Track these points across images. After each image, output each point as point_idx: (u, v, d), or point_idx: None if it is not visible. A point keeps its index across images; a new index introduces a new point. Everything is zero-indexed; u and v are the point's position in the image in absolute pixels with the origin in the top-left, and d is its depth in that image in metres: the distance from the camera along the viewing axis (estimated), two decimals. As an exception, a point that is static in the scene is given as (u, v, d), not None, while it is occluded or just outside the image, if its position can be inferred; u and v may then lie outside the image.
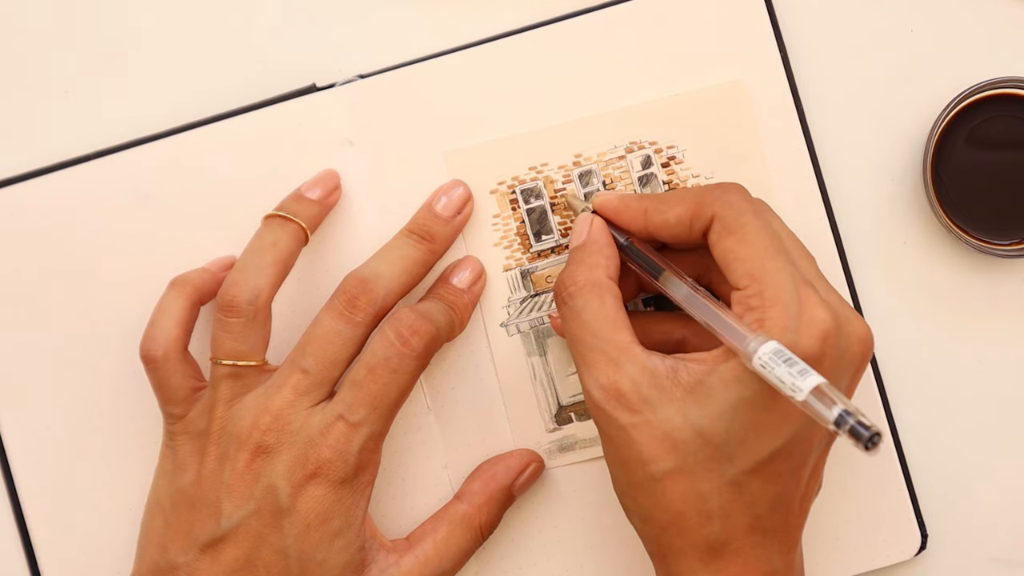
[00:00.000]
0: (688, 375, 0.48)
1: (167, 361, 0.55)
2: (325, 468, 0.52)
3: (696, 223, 0.51)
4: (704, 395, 0.48)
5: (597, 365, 0.50)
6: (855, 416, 0.43)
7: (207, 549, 0.52)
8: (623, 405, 0.49)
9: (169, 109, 0.60)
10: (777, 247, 0.49)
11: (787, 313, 0.47)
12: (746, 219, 0.50)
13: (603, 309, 0.51)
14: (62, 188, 0.59)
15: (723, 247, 0.50)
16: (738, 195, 0.51)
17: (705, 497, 0.48)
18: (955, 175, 0.59)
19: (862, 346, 0.49)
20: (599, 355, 0.50)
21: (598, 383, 0.49)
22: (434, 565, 0.55)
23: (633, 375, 0.49)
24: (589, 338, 0.50)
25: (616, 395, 0.49)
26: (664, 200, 0.53)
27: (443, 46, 0.60)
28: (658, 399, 0.48)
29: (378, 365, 0.53)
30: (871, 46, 0.60)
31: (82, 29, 0.61)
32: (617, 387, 0.49)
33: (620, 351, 0.49)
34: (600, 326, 0.50)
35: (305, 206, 0.57)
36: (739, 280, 0.49)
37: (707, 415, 0.47)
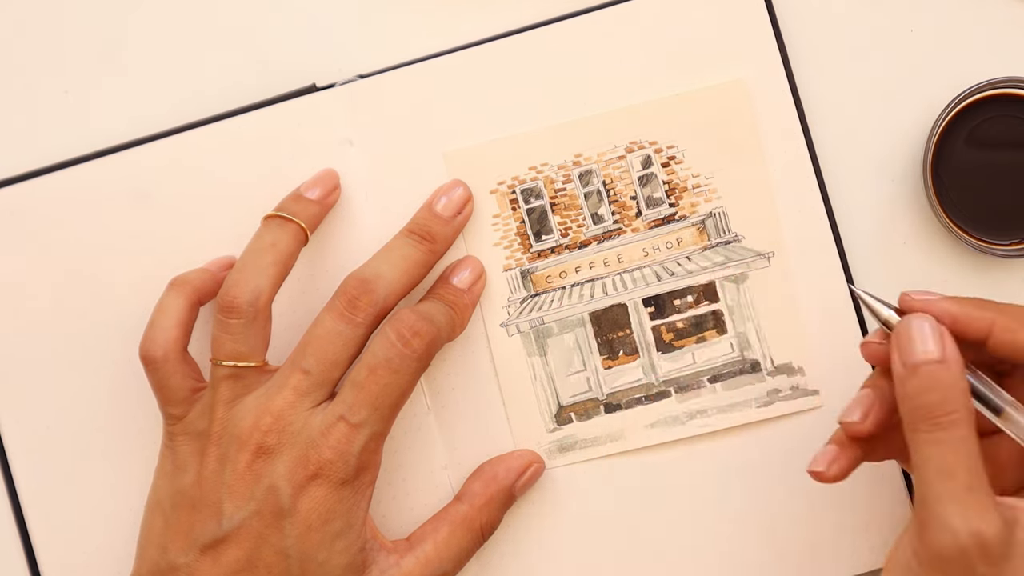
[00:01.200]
0: None
1: (167, 362, 0.55)
2: (326, 469, 0.52)
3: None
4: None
5: (972, 508, 0.44)
6: None
7: (208, 550, 0.52)
8: (986, 557, 0.44)
9: (169, 109, 0.60)
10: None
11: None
12: None
13: (977, 446, 0.45)
14: (62, 188, 0.59)
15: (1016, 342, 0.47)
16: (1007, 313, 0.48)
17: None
18: (955, 175, 0.59)
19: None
20: (977, 498, 0.44)
21: (970, 527, 0.43)
22: (435, 566, 0.55)
23: (998, 526, 0.44)
24: (966, 477, 0.44)
25: (983, 546, 0.44)
26: (1016, 317, 0.48)
27: (443, 46, 0.60)
28: (1012, 554, 0.44)
29: (379, 366, 0.53)
30: (871, 46, 0.60)
31: (82, 29, 0.61)
32: (985, 538, 0.43)
33: (991, 498, 0.44)
34: (978, 463, 0.45)
35: (304, 206, 0.57)
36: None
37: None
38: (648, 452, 0.59)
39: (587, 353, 0.59)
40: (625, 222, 0.60)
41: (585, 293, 0.60)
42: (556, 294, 0.60)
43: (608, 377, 0.59)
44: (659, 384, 0.59)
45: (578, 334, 0.60)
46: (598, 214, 0.60)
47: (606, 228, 0.60)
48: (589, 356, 0.59)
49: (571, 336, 0.60)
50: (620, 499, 0.59)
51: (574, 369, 0.59)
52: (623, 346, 0.59)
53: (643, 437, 0.59)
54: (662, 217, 0.60)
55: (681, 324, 0.60)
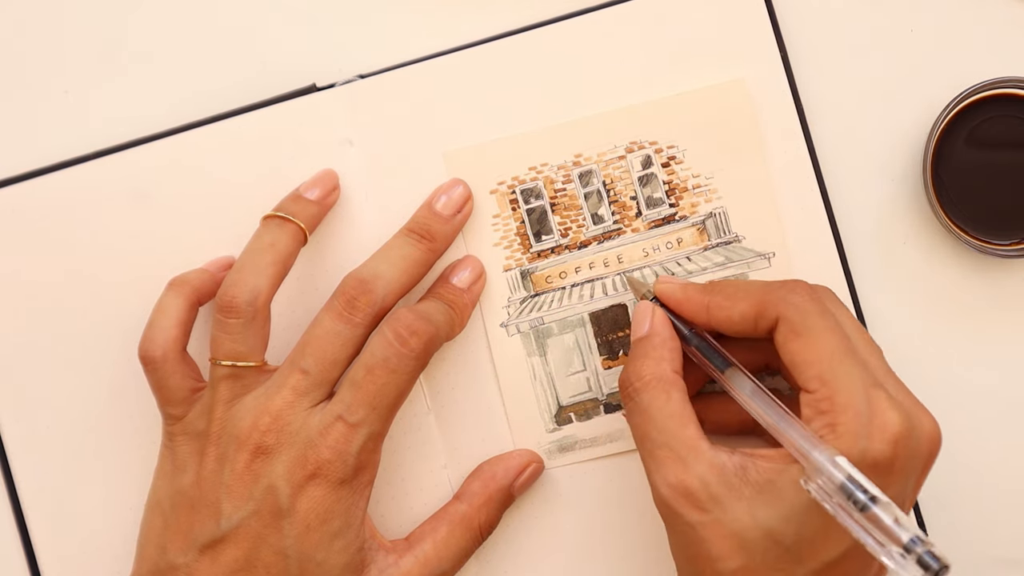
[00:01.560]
0: (757, 474, 0.48)
1: (166, 362, 0.55)
2: (324, 469, 0.52)
3: (761, 322, 0.51)
4: (774, 496, 0.47)
5: (665, 463, 0.49)
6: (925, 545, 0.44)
7: (207, 550, 0.52)
8: (692, 504, 0.48)
9: (169, 109, 0.60)
10: (845, 348, 0.49)
11: (859, 419, 0.47)
12: (812, 320, 0.49)
13: (669, 404, 0.50)
14: (62, 188, 0.59)
15: (790, 349, 0.49)
16: (803, 295, 0.51)
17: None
18: (955, 175, 0.59)
19: (931, 445, 0.49)
20: (667, 452, 0.49)
21: (666, 481, 0.49)
22: (433, 565, 0.55)
23: (701, 473, 0.48)
24: (656, 435, 0.50)
25: (684, 493, 0.48)
26: (728, 296, 0.52)
27: (443, 46, 0.60)
28: (727, 498, 0.48)
29: (377, 366, 0.53)
30: (871, 46, 0.60)
31: (82, 29, 0.61)
32: (685, 486, 0.48)
33: (688, 448, 0.49)
34: (667, 422, 0.50)
35: (304, 206, 0.57)
36: (808, 383, 0.48)
37: (776, 516, 0.47)
38: (648, 452, 0.59)
39: (587, 353, 0.59)
40: (625, 222, 0.60)
41: (585, 293, 0.60)
42: (556, 294, 0.60)
43: (608, 377, 0.59)
44: (659, 384, 0.59)
45: (578, 334, 0.59)
46: (598, 214, 0.60)
47: (606, 228, 0.60)
48: (589, 356, 0.59)
49: (571, 336, 0.59)
50: (620, 499, 0.59)
51: (574, 369, 0.59)
52: (623, 346, 0.59)
53: (643, 437, 0.59)
54: (662, 217, 0.60)
55: (681, 324, 0.60)
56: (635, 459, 0.59)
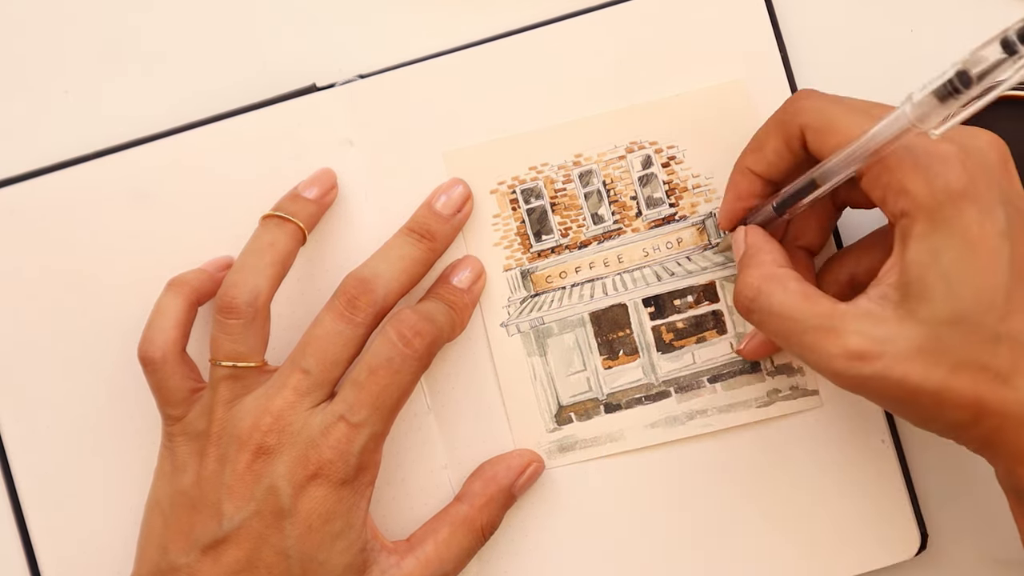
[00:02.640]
0: (894, 290, 0.47)
1: (165, 363, 0.55)
2: (326, 469, 0.52)
3: (792, 143, 0.51)
4: (918, 291, 0.46)
5: (819, 342, 0.47)
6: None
7: (208, 550, 0.52)
8: (866, 360, 0.46)
9: (169, 109, 0.60)
10: (871, 117, 0.48)
11: (918, 168, 0.46)
12: (830, 111, 0.50)
13: (788, 293, 0.49)
14: (62, 188, 0.59)
15: (827, 148, 0.50)
16: (811, 97, 0.51)
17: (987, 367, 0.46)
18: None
19: (997, 151, 0.48)
20: (814, 333, 0.48)
21: (831, 356, 0.47)
22: (435, 566, 0.55)
23: (856, 328, 0.47)
24: (794, 325, 0.48)
25: (855, 356, 0.46)
26: (754, 147, 0.54)
27: (443, 46, 0.60)
28: (889, 331, 0.46)
29: (380, 366, 0.53)
30: (871, 46, 0.60)
31: (82, 29, 0.61)
32: (850, 349, 0.46)
33: (830, 317, 0.47)
34: (796, 309, 0.49)
35: (302, 206, 0.57)
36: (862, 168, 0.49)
37: (935, 304, 0.46)
38: (648, 452, 0.59)
39: (587, 353, 0.59)
40: (625, 222, 0.60)
41: (585, 293, 0.60)
42: (556, 294, 0.60)
43: (608, 377, 0.59)
44: (659, 384, 0.59)
45: (578, 334, 0.60)
46: (598, 214, 0.60)
47: (606, 228, 0.60)
48: (589, 356, 0.59)
49: (571, 336, 0.60)
50: (620, 499, 0.59)
51: (574, 369, 0.59)
52: (623, 346, 0.60)
53: (643, 437, 0.59)
54: (662, 217, 0.60)
55: (681, 324, 0.60)
56: (635, 459, 0.59)
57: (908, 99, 0.44)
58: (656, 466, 0.59)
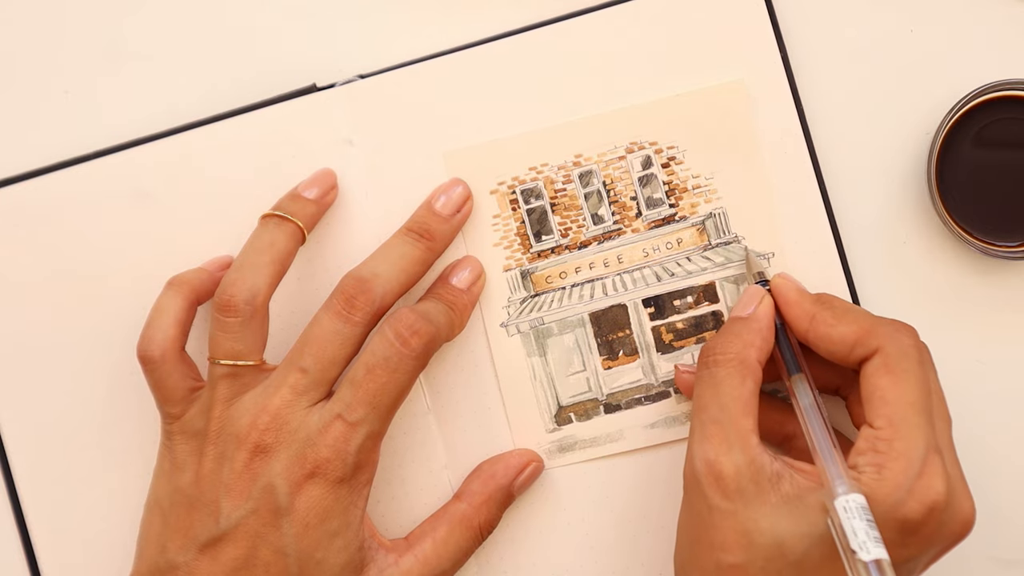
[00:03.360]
0: (790, 487, 0.49)
1: (164, 361, 0.55)
2: (323, 467, 0.52)
3: (858, 349, 0.51)
4: (798, 512, 0.48)
5: (711, 439, 0.50)
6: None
7: (206, 549, 0.52)
8: (719, 487, 0.49)
9: (169, 109, 0.60)
10: (924, 404, 0.49)
11: (908, 472, 0.48)
12: (909, 364, 0.50)
13: (740, 389, 0.51)
14: (62, 188, 0.59)
15: (875, 383, 0.50)
16: (910, 338, 0.51)
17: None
18: (959, 176, 0.59)
19: (962, 528, 0.50)
20: (717, 430, 0.50)
21: (705, 456, 0.49)
22: (433, 564, 0.55)
23: (739, 464, 0.49)
24: (716, 411, 0.51)
25: (717, 475, 0.49)
26: (836, 314, 0.53)
27: (443, 46, 0.60)
28: (754, 496, 0.48)
29: (377, 365, 0.53)
30: (871, 46, 0.60)
31: (82, 29, 0.61)
32: (720, 468, 0.49)
33: (738, 436, 0.50)
34: (731, 403, 0.50)
35: (302, 205, 0.57)
36: (876, 419, 0.49)
37: (793, 531, 0.48)
38: (648, 452, 0.59)
39: (587, 353, 0.59)
40: (625, 222, 0.60)
41: (585, 293, 0.60)
42: (556, 294, 0.60)
43: (608, 377, 0.59)
44: (659, 384, 0.59)
45: (578, 334, 0.59)
46: (598, 214, 0.60)
47: (606, 228, 0.60)
48: (589, 356, 0.59)
49: (571, 336, 0.59)
50: (620, 499, 0.59)
51: (574, 369, 0.59)
52: (623, 346, 0.59)
53: (643, 437, 0.59)
54: (662, 218, 0.60)
55: (681, 325, 0.60)
56: (635, 459, 0.59)
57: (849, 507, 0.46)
58: (656, 466, 0.59)
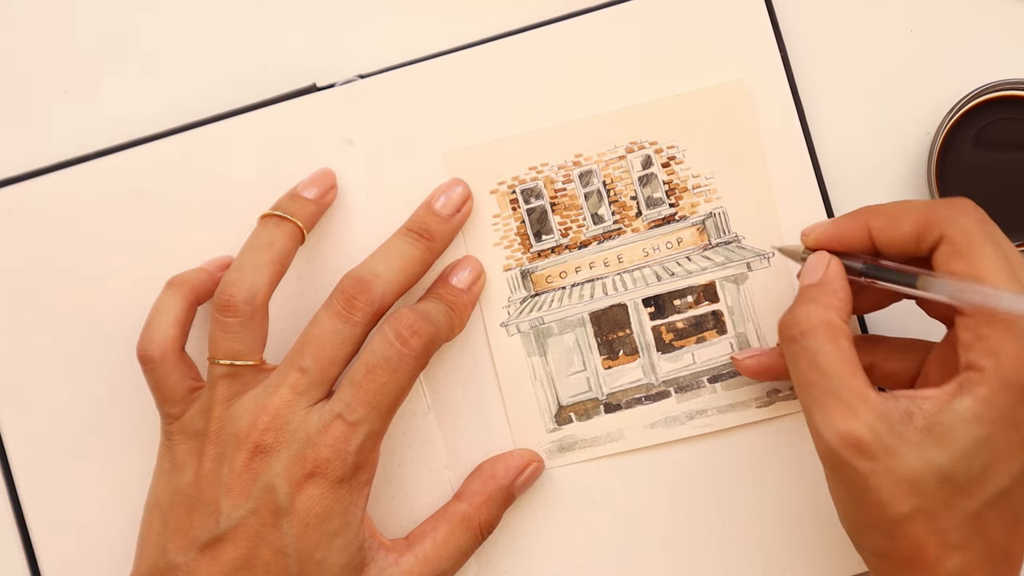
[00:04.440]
0: (923, 417, 0.48)
1: (164, 361, 0.55)
2: (323, 467, 0.52)
3: (924, 241, 0.50)
4: (942, 435, 0.47)
5: (833, 411, 0.48)
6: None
7: (206, 549, 0.52)
8: (861, 452, 0.48)
9: (169, 109, 0.60)
10: (1008, 272, 0.49)
11: (1019, 345, 0.47)
12: (978, 242, 0.49)
13: (838, 351, 0.49)
14: (62, 188, 0.59)
15: (952, 270, 0.49)
16: (971, 216, 0.50)
17: (946, 533, 0.48)
18: (959, 176, 0.59)
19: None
20: (835, 400, 0.48)
21: (835, 429, 0.48)
22: (434, 564, 0.55)
23: (871, 422, 0.48)
24: (824, 382, 0.49)
25: (855, 443, 0.48)
26: (890, 217, 0.52)
27: (443, 46, 0.60)
28: (897, 444, 0.47)
29: (377, 365, 0.53)
30: (871, 46, 0.60)
31: (82, 29, 0.61)
32: (856, 434, 0.48)
33: (857, 397, 0.48)
34: (835, 369, 0.49)
35: (301, 205, 0.57)
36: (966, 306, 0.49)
37: (948, 456, 0.47)
38: (648, 452, 0.59)
39: (587, 353, 0.59)
40: (625, 222, 0.60)
41: (585, 293, 0.60)
42: (556, 294, 0.60)
43: (608, 377, 0.59)
44: (659, 384, 0.59)
45: (578, 334, 0.59)
46: (598, 214, 0.60)
47: (606, 228, 0.60)
48: (589, 356, 0.59)
49: (571, 336, 0.59)
50: (620, 500, 0.59)
51: (574, 369, 0.59)
52: (623, 346, 0.59)
53: (643, 437, 0.59)
54: (662, 217, 0.60)
55: (681, 324, 0.60)
56: (635, 459, 0.59)
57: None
58: (656, 466, 0.59)
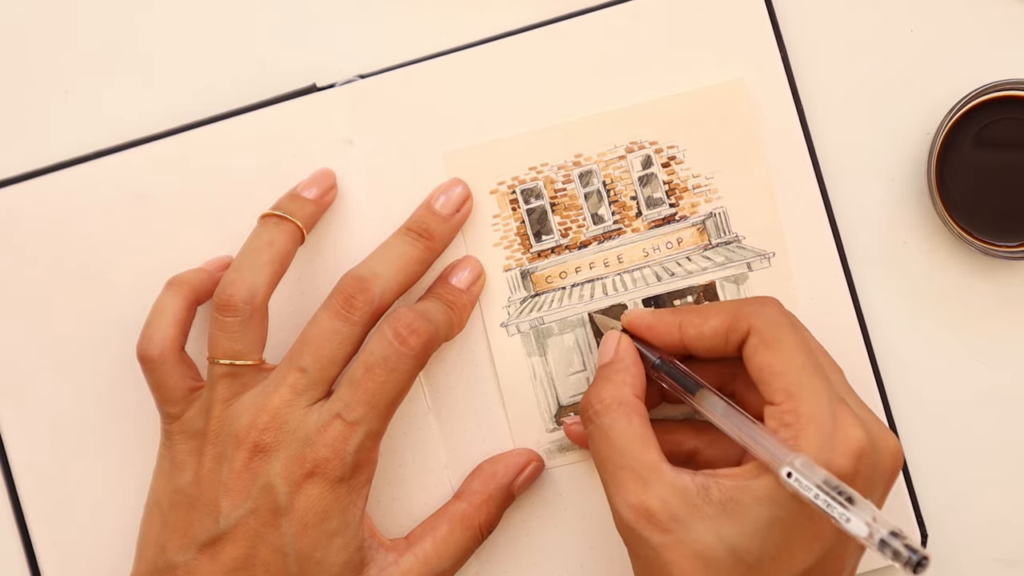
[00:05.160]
0: (719, 492, 0.48)
1: (164, 361, 0.55)
2: (322, 467, 0.52)
3: (732, 336, 0.51)
4: (737, 513, 0.48)
5: (626, 485, 0.49)
6: (902, 539, 0.44)
7: (206, 548, 0.52)
8: (653, 525, 0.48)
9: (169, 109, 0.60)
10: (813, 364, 0.49)
11: (822, 432, 0.47)
12: (783, 333, 0.50)
13: (630, 427, 0.51)
14: (62, 188, 0.59)
15: (760, 361, 0.50)
16: (775, 309, 0.52)
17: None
18: (959, 176, 0.59)
19: (893, 461, 0.50)
20: (628, 474, 0.50)
21: (627, 503, 0.49)
22: (434, 564, 0.55)
23: (663, 494, 0.48)
24: (617, 457, 0.50)
25: (646, 515, 0.48)
26: (699, 313, 0.53)
27: (443, 46, 0.60)
28: (689, 517, 0.48)
29: (376, 364, 0.53)
30: (871, 46, 0.60)
31: (82, 29, 0.61)
32: (647, 507, 0.48)
33: (649, 470, 0.49)
34: (628, 444, 0.50)
35: (301, 205, 0.57)
36: (774, 395, 0.49)
37: (741, 533, 0.47)
38: (648, 452, 0.59)
39: (587, 353, 0.59)
40: (625, 222, 0.60)
41: (585, 293, 0.60)
42: (556, 294, 0.60)
43: (608, 377, 0.59)
44: (659, 384, 0.59)
45: (578, 334, 0.59)
46: (598, 214, 0.60)
47: (606, 228, 0.60)
48: (589, 356, 0.59)
49: (571, 336, 0.59)
50: (620, 499, 0.59)
51: (574, 369, 0.59)
52: (623, 346, 0.59)
53: (643, 437, 0.59)
54: (662, 217, 0.60)
55: (681, 324, 0.59)
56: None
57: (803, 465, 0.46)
58: (656, 466, 0.59)
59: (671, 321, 0.54)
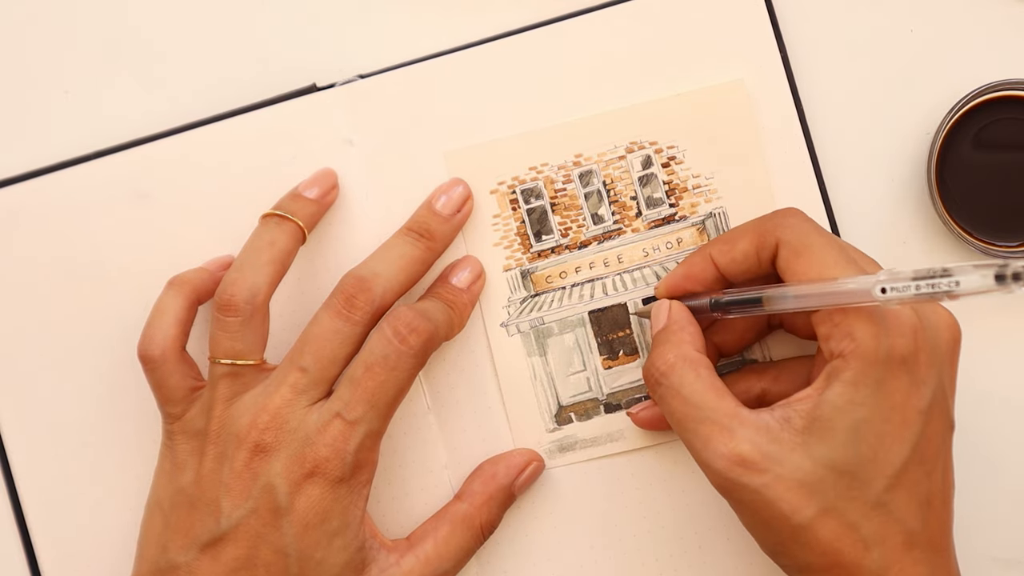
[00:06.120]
0: (800, 418, 0.49)
1: (165, 361, 0.55)
2: (322, 467, 0.52)
3: (763, 253, 0.52)
4: (823, 430, 0.48)
5: (712, 437, 0.49)
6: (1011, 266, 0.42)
7: (207, 548, 0.52)
8: (749, 469, 0.48)
9: (169, 109, 0.60)
10: (846, 259, 0.50)
11: (872, 319, 0.48)
12: (811, 239, 0.51)
13: (700, 380, 0.51)
14: (62, 188, 0.59)
15: (795, 270, 0.51)
16: (797, 217, 0.52)
17: (856, 527, 0.48)
18: (959, 176, 0.59)
19: (951, 332, 0.50)
20: (710, 426, 0.50)
21: (718, 454, 0.49)
22: (435, 565, 0.55)
23: (750, 437, 0.49)
24: (695, 412, 0.50)
25: (740, 461, 0.49)
26: (725, 240, 0.54)
27: (443, 46, 0.60)
28: (780, 452, 0.48)
29: (376, 363, 0.53)
30: (871, 46, 0.60)
31: (82, 29, 0.61)
32: (738, 453, 0.49)
33: (730, 417, 0.49)
34: (702, 397, 0.50)
35: (302, 205, 0.57)
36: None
37: (833, 447, 0.48)
38: (648, 452, 0.59)
39: (587, 353, 0.59)
40: (625, 222, 0.60)
41: (585, 293, 0.60)
42: (556, 294, 0.60)
43: (608, 377, 0.59)
44: (659, 384, 0.59)
45: (578, 334, 0.60)
46: (598, 214, 0.60)
47: (606, 228, 0.60)
48: (589, 356, 0.59)
49: (571, 336, 0.60)
50: (620, 499, 0.59)
51: (574, 369, 0.59)
52: (623, 346, 0.59)
53: (643, 437, 0.59)
54: (662, 217, 0.60)
55: (681, 324, 0.59)
56: (635, 459, 0.59)
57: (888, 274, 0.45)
58: (656, 466, 0.59)
59: (702, 257, 0.54)
